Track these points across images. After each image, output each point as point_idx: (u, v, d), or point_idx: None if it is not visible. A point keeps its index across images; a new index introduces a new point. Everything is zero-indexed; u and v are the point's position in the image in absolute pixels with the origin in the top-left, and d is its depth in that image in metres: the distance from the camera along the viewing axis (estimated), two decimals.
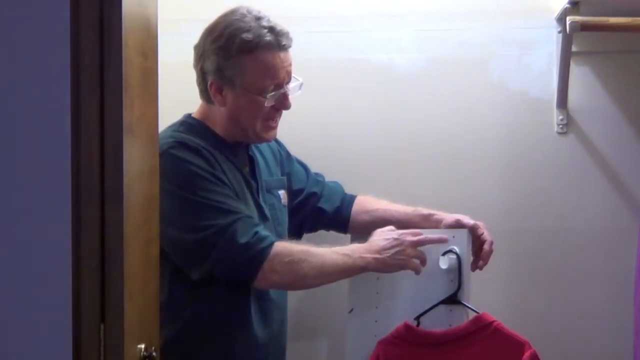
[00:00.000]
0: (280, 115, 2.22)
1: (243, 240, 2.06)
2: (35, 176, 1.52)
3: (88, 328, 1.53)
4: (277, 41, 2.14)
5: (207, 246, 2.06)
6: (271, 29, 2.14)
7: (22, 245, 1.52)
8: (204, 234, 2.06)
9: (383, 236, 2.18)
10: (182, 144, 2.11)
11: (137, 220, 1.64)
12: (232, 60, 2.14)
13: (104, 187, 1.54)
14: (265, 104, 2.16)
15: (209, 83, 2.17)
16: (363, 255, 2.14)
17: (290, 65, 2.18)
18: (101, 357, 1.54)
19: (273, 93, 2.16)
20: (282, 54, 2.16)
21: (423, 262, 2.19)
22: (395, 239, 2.16)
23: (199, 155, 2.12)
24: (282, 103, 2.19)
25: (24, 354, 1.52)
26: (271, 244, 2.08)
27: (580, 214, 2.59)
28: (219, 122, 2.21)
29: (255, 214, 2.20)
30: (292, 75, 2.20)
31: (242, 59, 2.14)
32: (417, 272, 2.18)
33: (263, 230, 2.11)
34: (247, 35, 2.13)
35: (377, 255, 2.14)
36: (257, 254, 2.07)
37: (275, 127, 2.23)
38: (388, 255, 2.15)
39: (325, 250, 2.14)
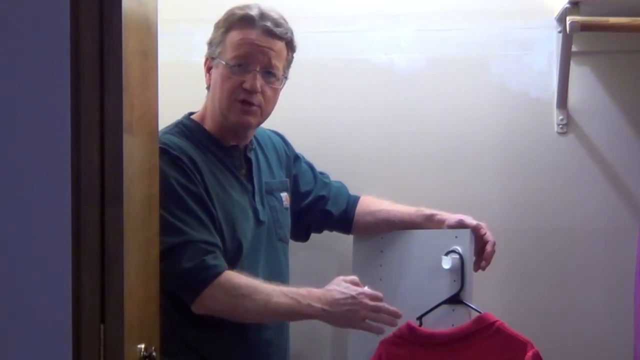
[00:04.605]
0: (252, 98, 2.15)
1: (187, 265, 2.04)
2: (35, 176, 1.52)
3: (88, 328, 1.53)
4: (261, 21, 2.15)
5: None
6: (264, 14, 2.16)
7: (22, 245, 1.52)
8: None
9: (341, 289, 2.12)
10: (163, 151, 2.05)
11: (137, 220, 1.64)
12: (218, 31, 2.18)
13: (104, 187, 1.55)
14: (226, 69, 2.14)
15: (204, 61, 2.20)
16: (313, 303, 2.09)
17: (273, 51, 2.16)
18: (101, 357, 1.54)
19: (239, 64, 2.14)
20: (263, 36, 2.15)
21: (391, 321, 2.14)
22: (352, 297, 2.11)
23: (178, 166, 2.10)
24: (249, 82, 2.14)
25: (25, 354, 1.52)
26: (217, 273, 2.05)
27: (580, 214, 2.59)
28: (210, 117, 2.20)
29: (250, 217, 2.19)
30: (283, 72, 2.19)
31: (226, 32, 2.17)
32: (374, 332, 2.15)
33: (212, 259, 2.07)
34: (238, 11, 2.17)
35: (327, 307, 2.09)
36: (198, 280, 2.05)
37: (246, 113, 2.16)
38: (339, 310, 2.10)
39: (275, 289, 2.09)
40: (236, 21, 2.16)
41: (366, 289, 2.14)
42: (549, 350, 2.18)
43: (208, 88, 2.22)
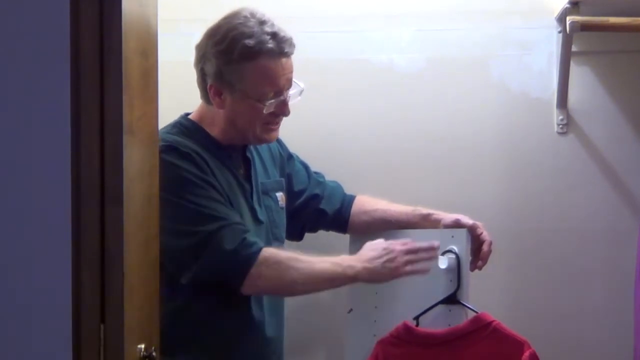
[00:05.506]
0: (280, 118, 2.21)
1: (230, 246, 2.05)
2: (35, 176, 1.52)
3: (88, 328, 1.53)
4: (279, 48, 2.13)
5: (194, 252, 2.05)
6: (274, 35, 2.12)
7: (22, 245, 1.52)
8: (191, 239, 2.05)
9: (372, 247, 2.17)
10: (172, 148, 2.09)
11: (137, 220, 1.64)
12: (232, 65, 2.13)
13: (104, 187, 1.55)
14: (264, 111, 2.15)
15: (208, 85, 2.16)
16: (352, 264, 2.13)
17: (291, 72, 2.18)
18: (101, 357, 1.54)
19: (272, 100, 2.15)
20: (283, 61, 2.15)
21: (426, 266, 2.17)
22: (385, 249, 2.15)
23: (190, 160, 2.11)
24: (281, 109, 2.18)
25: (24, 353, 1.52)
26: (259, 250, 2.07)
27: (580, 214, 2.59)
28: (216, 123, 2.20)
29: (248, 217, 2.19)
30: (294, 80, 2.19)
31: (243, 65, 2.12)
32: (421, 274, 2.17)
33: (251, 237, 2.09)
34: (249, 42, 2.11)
35: (367, 265, 2.13)
36: (244, 260, 2.06)
37: (276, 130, 2.23)
38: (378, 264, 2.13)
39: (314, 257, 2.12)
40: (254, 54, 2.11)
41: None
42: (548, 350, 2.18)
43: (207, 100, 2.19)
